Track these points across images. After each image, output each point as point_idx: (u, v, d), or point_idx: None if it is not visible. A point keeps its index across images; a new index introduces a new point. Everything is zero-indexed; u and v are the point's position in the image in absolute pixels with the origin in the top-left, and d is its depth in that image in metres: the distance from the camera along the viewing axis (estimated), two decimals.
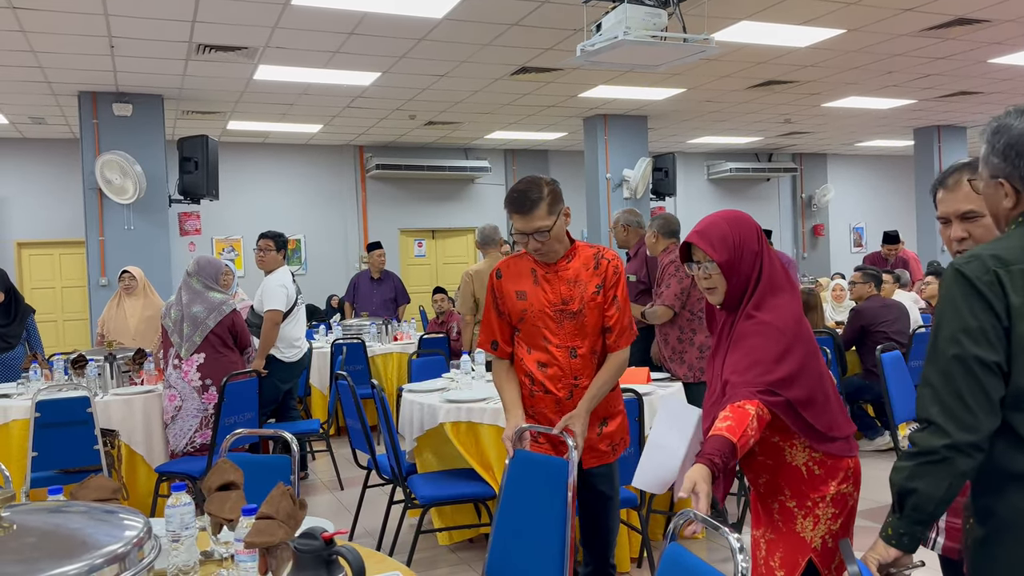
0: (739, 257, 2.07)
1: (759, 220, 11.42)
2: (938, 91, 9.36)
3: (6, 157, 10.01)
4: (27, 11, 5.55)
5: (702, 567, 1.51)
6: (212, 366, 4.58)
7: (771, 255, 2.11)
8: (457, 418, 3.76)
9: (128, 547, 1.41)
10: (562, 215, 2.69)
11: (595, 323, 2.71)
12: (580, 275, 2.71)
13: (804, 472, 2.01)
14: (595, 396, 2.66)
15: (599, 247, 2.79)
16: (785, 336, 1.97)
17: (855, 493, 2.04)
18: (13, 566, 1.31)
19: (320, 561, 1.24)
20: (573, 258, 2.75)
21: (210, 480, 1.70)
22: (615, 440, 2.79)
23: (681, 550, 1.60)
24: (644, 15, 4.06)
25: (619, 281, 2.72)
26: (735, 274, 2.07)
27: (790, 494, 2.02)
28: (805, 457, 2.01)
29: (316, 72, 7.44)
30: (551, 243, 2.67)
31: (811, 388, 1.97)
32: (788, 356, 1.95)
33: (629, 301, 2.78)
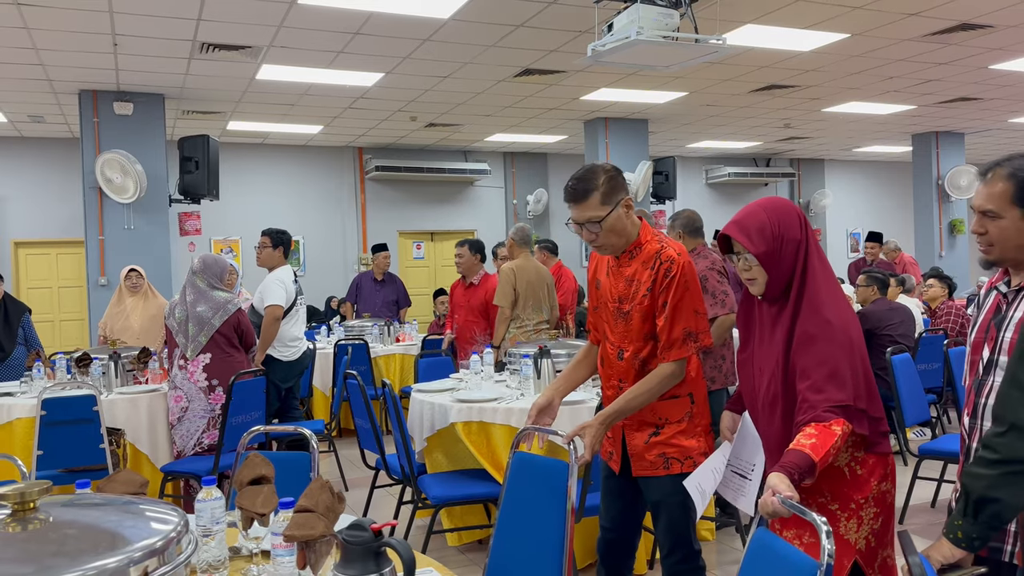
0: (779, 247, 2.02)
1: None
2: (938, 97, 9.40)
3: (3, 156, 9.95)
4: (32, 7, 5.52)
5: (791, 551, 1.50)
6: (218, 366, 4.54)
7: (816, 243, 2.07)
8: (468, 418, 3.74)
9: (165, 541, 1.39)
10: (621, 206, 2.49)
11: (641, 327, 2.52)
12: (638, 273, 2.53)
13: (847, 473, 1.98)
14: (621, 409, 2.46)
15: (664, 243, 2.55)
16: (849, 339, 1.95)
17: (893, 489, 2.04)
18: (53, 559, 1.28)
19: (369, 553, 1.22)
20: (638, 254, 2.56)
21: (241, 474, 1.67)
22: (670, 453, 2.52)
23: (769, 535, 1.59)
24: (656, 15, 4.05)
25: (671, 286, 2.46)
26: (775, 265, 2.03)
27: (831, 496, 1.98)
28: (848, 458, 1.98)
29: (319, 72, 7.42)
30: (607, 236, 2.50)
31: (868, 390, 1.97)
32: (854, 361, 1.94)
33: (689, 310, 2.47)
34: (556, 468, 2.33)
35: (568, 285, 6.63)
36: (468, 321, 5.80)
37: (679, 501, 2.52)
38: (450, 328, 6.07)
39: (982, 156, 14.43)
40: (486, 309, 5.69)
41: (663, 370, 2.47)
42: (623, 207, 2.50)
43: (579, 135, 10.99)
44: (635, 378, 2.54)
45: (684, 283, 2.47)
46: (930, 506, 4.71)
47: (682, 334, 2.46)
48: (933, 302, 6.42)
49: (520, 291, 5.32)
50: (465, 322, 5.81)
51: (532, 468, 2.40)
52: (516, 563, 2.32)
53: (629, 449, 2.58)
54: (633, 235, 2.56)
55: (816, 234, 2.18)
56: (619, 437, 2.61)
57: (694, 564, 2.57)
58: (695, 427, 2.55)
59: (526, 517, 2.35)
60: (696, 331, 2.48)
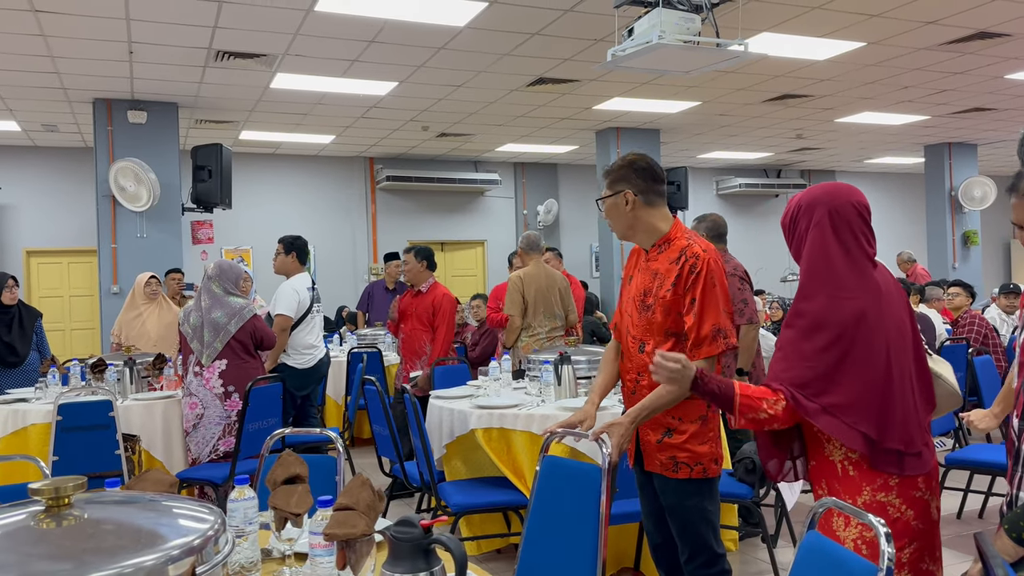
0: (791, 226, 2.07)
1: (767, 236, 11.40)
2: (952, 107, 9.36)
3: (16, 165, 9.98)
4: (49, 14, 5.53)
5: (846, 554, 1.45)
6: (234, 372, 4.50)
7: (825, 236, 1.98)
8: (489, 424, 3.69)
9: (203, 539, 1.34)
10: (620, 196, 2.54)
11: (663, 323, 2.49)
12: (663, 268, 2.51)
13: (839, 469, 1.98)
14: (649, 406, 2.38)
15: (692, 240, 2.51)
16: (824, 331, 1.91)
17: (907, 510, 1.89)
18: (90, 556, 1.24)
19: (418, 551, 1.17)
20: (665, 249, 2.54)
21: (275, 473, 1.63)
22: (680, 458, 2.48)
23: (820, 538, 1.54)
24: (678, 19, 4.03)
25: (698, 283, 2.41)
26: (789, 241, 2.10)
27: (827, 488, 2.00)
28: (841, 455, 1.97)
29: (333, 81, 7.42)
30: (607, 215, 2.59)
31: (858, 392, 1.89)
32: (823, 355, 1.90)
33: (717, 308, 2.41)
34: (587, 472, 2.28)
35: (576, 293, 6.59)
36: (415, 330, 5.37)
37: (692, 505, 2.49)
38: (394, 332, 5.67)
39: (995, 168, 14.37)
40: (432, 319, 5.32)
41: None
42: (622, 198, 2.55)
43: (590, 145, 10.97)
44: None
45: (711, 280, 2.42)
46: (956, 517, 4.63)
47: (711, 331, 2.41)
48: (957, 311, 6.36)
49: (529, 299, 5.29)
50: (412, 331, 5.39)
51: (563, 472, 2.35)
52: (547, 569, 2.27)
53: (642, 444, 2.58)
54: (653, 231, 2.57)
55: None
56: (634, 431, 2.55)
57: (718, 569, 2.50)
58: (707, 431, 2.49)
59: (557, 522, 2.29)
60: (725, 328, 2.42)
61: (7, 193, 9.88)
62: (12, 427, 4.34)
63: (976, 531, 1.49)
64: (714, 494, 2.52)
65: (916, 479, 1.92)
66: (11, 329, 5.40)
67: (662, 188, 2.58)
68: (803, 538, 1.61)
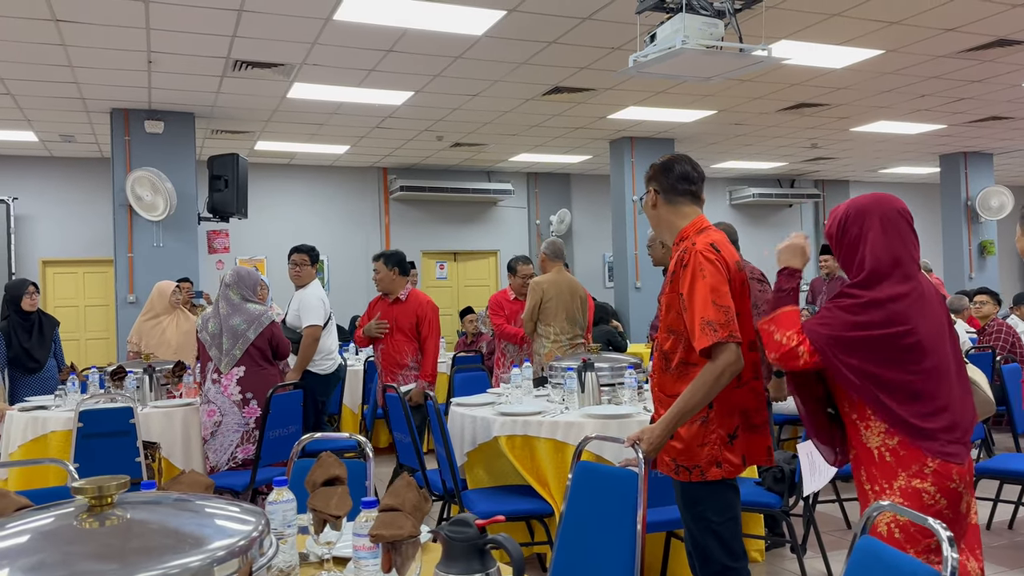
0: (841, 234, 2.19)
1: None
2: (969, 116, 9.31)
3: (33, 176, 10.04)
4: (70, 24, 5.56)
5: (905, 559, 1.41)
6: (252, 379, 4.48)
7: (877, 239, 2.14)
8: (512, 431, 3.65)
9: (248, 541, 1.31)
10: (649, 194, 2.62)
11: (666, 317, 2.50)
12: (671, 266, 2.54)
13: (875, 456, 2.08)
14: (679, 411, 2.34)
15: (698, 235, 2.50)
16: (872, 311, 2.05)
17: (940, 498, 1.99)
18: (137, 556, 1.21)
19: (474, 551, 1.14)
20: (679, 246, 2.56)
21: (314, 475, 1.60)
22: (680, 460, 2.44)
23: (875, 542, 1.50)
24: (701, 25, 4.01)
25: (686, 277, 2.39)
26: (837, 248, 2.21)
27: (865, 476, 2.11)
28: (878, 442, 2.07)
29: (349, 91, 7.44)
30: (649, 221, 2.68)
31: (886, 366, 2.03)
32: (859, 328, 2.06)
33: (702, 300, 2.34)
34: (623, 477, 2.24)
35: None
36: (396, 342, 4.95)
37: (695, 514, 2.44)
38: (362, 344, 5.30)
39: (1010, 177, 14.28)
40: (415, 329, 4.95)
41: (707, 370, 2.32)
42: (649, 197, 2.63)
43: (604, 155, 10.96)
44: (659, 371, 2.54)
45: (699, 272, 2.37)
46: (986, 528, 4.56)
47: (700, 323, 2.33)
48: (985, 319, 6.29)
49: (550, 306, 5.25)
50: (393, 343, 4.96)
51: (597, 477, 2.31)
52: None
53: None
54: (672, 228, 2.60)
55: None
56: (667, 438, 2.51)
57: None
58: (708, 434, 2.41)
59: (591, 529, 2.25)
60: (714, 320, 2.31)
61: (24, 203, 9.94)
62: (32, 434, 4.33)
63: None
64: (718, 500, 2.43)
65: (951, 470, 1.99)
66: (31, 335, 5.41)
67: (688, 187, 2.59)
68: (856, 542, 1.57)
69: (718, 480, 2.41)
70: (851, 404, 2.13)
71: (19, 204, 9.89)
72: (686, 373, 2.43)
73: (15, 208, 9.83)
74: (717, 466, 2.41)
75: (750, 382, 2.48)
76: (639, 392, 3.94)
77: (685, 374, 2.43)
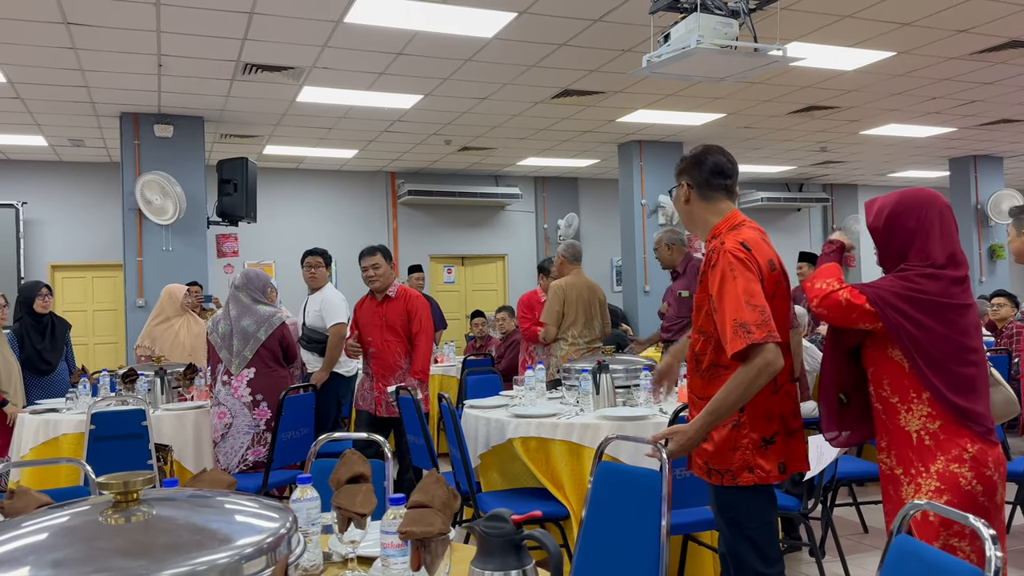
0: (889, 229, 2.19)
1: (790, 250, 11.32)
2: (980, 119, 9.26)
3: (42, 180, 10.06)
4: (81, 27, 5.57)
5: (945, 558, 1.37)
6: (263, 381, 4.47)
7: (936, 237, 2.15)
8: (527, 433, 3.62)
9: (275, 538, 1.29)
10: (680, 188, 2.53)
11: (696, 319, 2.43)
12: (703, 264, 2.45)
13: (914, 439, 2.07)
14: (712, 411, 2.24)
15: (726, 229, 2.40)
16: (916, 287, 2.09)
17: (976, 484, 2.01)
18: (164, 552, 1.19)
19: (509, 546, 1.11)
20: (711, 243, 2.45)
21: (338, 472, 1.58)
22: (712, 464, 2.36)
23: (912, 541, 1.47)
24: (716, 24, 3.99)
25: (715, 277, 2.28)
26: (884, 243, 2.21)
27: (896, 459, 2.11)
28: (919, 425, 2.06)
29: (359, 94, 7.43)
30: (679, 216, 2.59)
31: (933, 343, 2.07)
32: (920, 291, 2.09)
33: (734, 300, 2.22)
34: (646, 478, 2.21)
35: None
36: (387, 343, 4.68)
37: (728, 519, 2.35)
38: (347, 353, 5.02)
39: (1020, 180, 14.22)
40: (407, 327, 4.69)
41: (739, 374, 2.21)
42: (681, 191, 2.54)
43: (612, 159, 10.93)
44: (694, 372, 2.47)
45: (729, 271, 2.25)
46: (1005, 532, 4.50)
47: (732, 325, 2.20)
48: (1002, 322, 6.25)
49: (569, 310, 5.21)
50: (384, 344, 4.69)
51: (619, 478, 2.28)
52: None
53: None
54: (705, 224, 2.49)
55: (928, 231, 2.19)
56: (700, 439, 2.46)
57: None
58: (740, 438, 2.31)
59: (613, 531, 2.22)
60: (747, 322, 2.18)
61: (32, 208, 9.95)
62: (43, 437, 4.32)
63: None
64: (752, 506, 2.33)
65: (987, 457, 2.02)
66: (43, 337, 5.40)
67: (723, 181, 2.46)
68: (892, 541, 1.53)
69: (750, 486, 2.32)
70: (893, 385, 2.12)
71: (28, 208, 9.91)
72: (716, 375, 2.36)
73: (24, 212, 9.85)
74: (749, 471, 2.31)
75: (785, 386, 2.38)
76: (654, 393, 3.90)
77: (715, 376, 2.36)
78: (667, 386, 2.98)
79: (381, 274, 4.74)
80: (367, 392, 4.81)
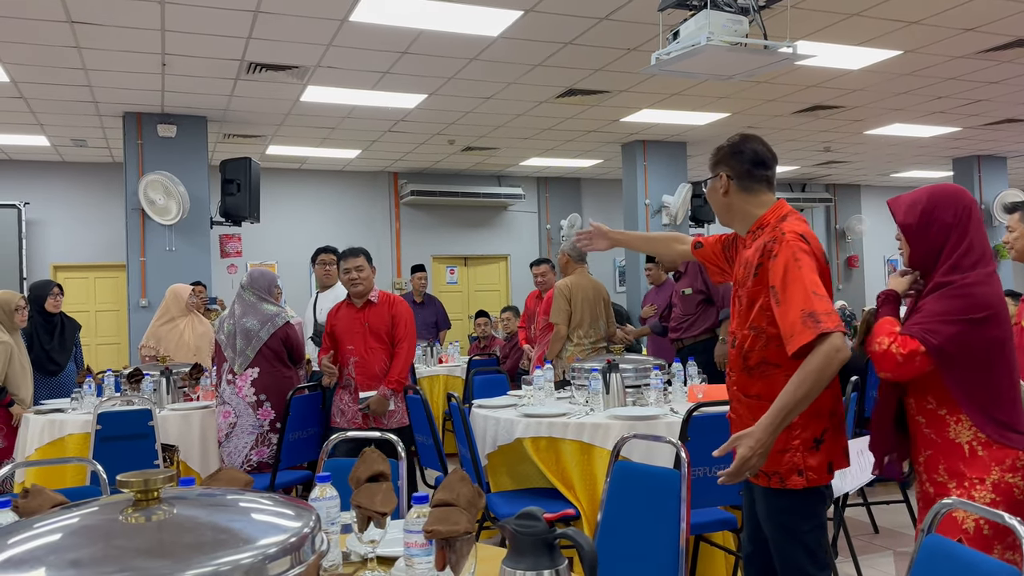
0: (925, 224, 2.13)
1: None
2: (984, 118, 9.24)
3: (44, 181, 10.03)
4: (85, 26, 5.54)
5: (976, 555, 1.35)
6: (267, 381, 4.44)
7: (972, 231, 2.12)
8: (537, 433, 3.59)
9: (299, 538, 1.26)
10: (717, 179, 2.38)
11: (747, 314, 2.30)
12: (752, 257, 2.30)
13: (966, 450, 2.00)
14: (777, 411, 2.08)
15: (776, 219, 2.30)
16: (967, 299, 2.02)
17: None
18: (187, 551, 1.16)
19: (542, 545, 1.09)
20: (759, 235, 2.33)
21: (358, 471, 1.55)
22: (781, 469, 2.24)
23: (944, 540, 1.44)
24: (726, 21, 3.96)
25: (777, 266, 2.17)
26: (919, 240, 2.14)
27: (947, 474, 2.03)
28: (970, 436, 2.00)
29: (363, 94, 7.41)
30: (712, 207, 2.47)
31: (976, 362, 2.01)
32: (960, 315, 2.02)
33: (800, 290, 2.12)
34: (664, 477, 2.18)
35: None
36: (372, 350, 4.32)
37: (782, 523, 2.24)
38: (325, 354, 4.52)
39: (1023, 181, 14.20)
40: (391, 333, 4.38)
41: (806, 366, 2.08)
42: (718, 181, 2.39)
43: (615, 159, 10.91)
44: (739, 370, 2.33)
45: (792, 259, 2.15)
46: None
47: (800, 316, 2.10)
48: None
49: (576, 308, 5.18)
50: (368, 351, 4.32)
51: (636, 478, 2.25)
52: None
53: None
54: (749, 216, 2.37)
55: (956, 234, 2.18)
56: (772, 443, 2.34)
57: None
58: (791, 439, 2.21)
59: (631, 532, 2.19)
60: (817, 311, 2.08)
61: (35, 208, 9.93)
62: (49, 437, 4.29)
63: None
64: (803, 509, 2.24)
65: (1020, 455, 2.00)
66: (53, 337, 5.37)
67: (765, 173, 2.37)
68: (922, 540, 1.50)
69: (800, 489, 2.22)
70: (939, 397, 2.05)
71: (30, 209, 9.88)
72: (766, 373, 2.26)
73: (27, 213, 9.83)
74: (798, 474, 2.21)
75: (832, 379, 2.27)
76: (664, 393, 3.88)
77: (765, 374, 2.26)
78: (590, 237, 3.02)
79: (365, 277, 4.40)
80: (347, 407, 4.37)
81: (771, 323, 2.23)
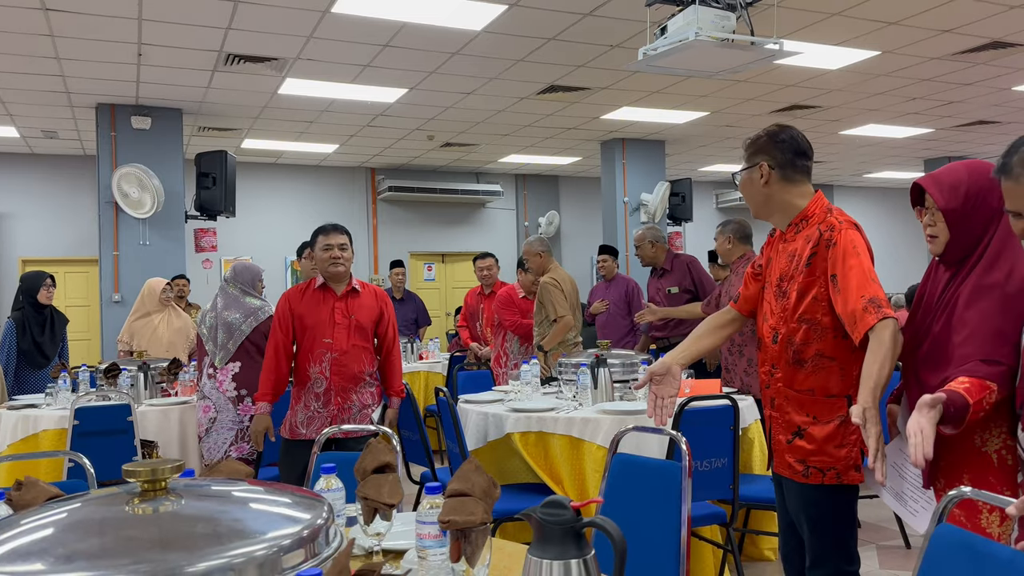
0: (970, 209, 1.91)
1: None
2: (957, 120, 9.39)
3: (13, 173, 9.80)
4: (59, 13, 5.41)
5: (993, 545, 1.34)
6: (248, 376, 4.35)
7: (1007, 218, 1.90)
8: (527, 428, 3.58)
9: (313, 530, 1.23)
10: (756, 168, 2.30)
11: (796, 307, 2.24)
12: (800, 248, 2.26)
13: (995, 460, 1.83)
14: (873, 377, 2.01)
15: (832, 212, 2.26)
16: (1016, 300, 1.82)
17: None
18: (199, 541, 1.12)
19: (568, 534, 1.06)
20: (803, 228, 2.29)
21: (364, 462, 1.51)
22: (812, 462, 2.21)
23: (955, 529, 1.43)
24: (714, 17, 3.97)
25: (837, 256, 2.14)
26: (962, 226, 1.91)
27: (970, 482, 1.83)
28: (999, 444, 1.83)
29: (342, 87, 7.33)
30: (747, 199, 2.37)
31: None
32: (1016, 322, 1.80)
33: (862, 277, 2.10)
34: (665, 470, 2.17)
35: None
36: (354, 347, 3.69)
37: (816, 515, 2.22)
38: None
39: None
40: (380, 332, 3.82)
41: (877, 337, 2.04)
42: (757, 171, 2.31)
43: (594, 156, 10.93)
44: (786, 365, 2.27)
45: (852, 249, 2.14)
46: None
47: (863, 303, 2.07)
48: None
49: (564, 301, 5.19)
50: (351, 348, 3.68)
51: (636, 471, 2.24)
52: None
53: (773, 443, 2.35)
54: (792, 207, 2.31)
55: None
56: (767, 428, 2.37)
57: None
58: (848, 433, 2.18)
59: (630, 524, 2.18)
60: (877, 297, 2.08)
61: (3, 201, 9.70)
62: (23, 433, 4.19)
63: None
64: (847, 505, 2.22)
65: None
66: (43, 330, 5.26)
67: (805, 164, 2.32)
68: (933, 532, 1.50)
69: (847, 484, 2.20)
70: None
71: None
72: (821, 366, 2.21)
73: None
74: (856, 469, 2.17)
75: None
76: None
77: (821, 367, 2.21)
78: (662, 401, 2.39)
79: (348, 257, 3.78)
80: (316, 413, 3.70)
81: (826, 313, 2.19)
